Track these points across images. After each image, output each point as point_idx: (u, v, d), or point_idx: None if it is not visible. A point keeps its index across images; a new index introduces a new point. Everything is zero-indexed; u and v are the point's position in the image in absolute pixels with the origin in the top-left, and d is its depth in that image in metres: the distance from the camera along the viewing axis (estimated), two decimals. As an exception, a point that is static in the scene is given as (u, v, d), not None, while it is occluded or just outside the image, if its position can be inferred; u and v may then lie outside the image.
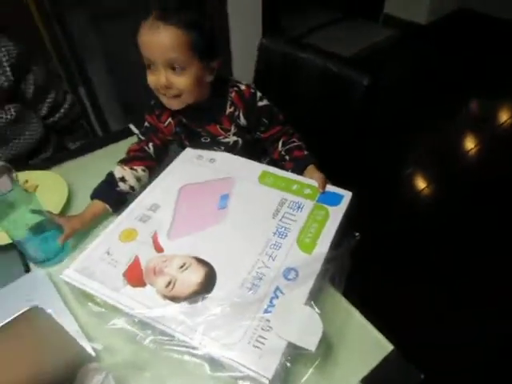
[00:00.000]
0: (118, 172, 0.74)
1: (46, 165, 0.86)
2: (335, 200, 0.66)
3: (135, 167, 0.75)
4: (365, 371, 0.51)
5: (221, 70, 0.72)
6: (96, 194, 0.71)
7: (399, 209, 1.63)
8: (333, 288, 0.58)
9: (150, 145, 0.78)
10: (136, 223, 0.64)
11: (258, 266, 0.56)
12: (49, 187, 0.60)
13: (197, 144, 0.78)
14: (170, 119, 0.77)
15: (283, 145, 0.79)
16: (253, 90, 0.76)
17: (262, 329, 0.48)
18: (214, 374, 0.48)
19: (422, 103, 2.12)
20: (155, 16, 0.62)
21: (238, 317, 0.50)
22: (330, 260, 0.57)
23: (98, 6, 1.52)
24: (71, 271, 0.57)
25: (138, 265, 0.57)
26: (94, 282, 0.55)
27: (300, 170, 0.73)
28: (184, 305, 0.52)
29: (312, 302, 0.51)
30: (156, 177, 0.73)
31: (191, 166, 0.75)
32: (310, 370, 0.49)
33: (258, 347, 0.47)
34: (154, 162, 0.78)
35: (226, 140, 0.77)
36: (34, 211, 0.56)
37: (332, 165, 0.72)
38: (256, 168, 0.73)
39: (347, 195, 0.67)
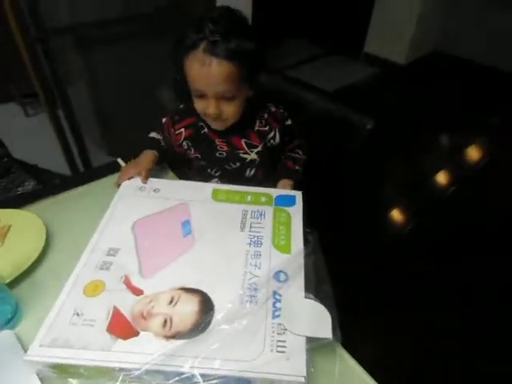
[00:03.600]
0: (156, 135, 0.83)
1: (19, 203, 0.73)
2: (290, 201, 0.71)
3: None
4: None
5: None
6: (148, 146, 0.79)
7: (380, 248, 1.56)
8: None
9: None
10: (99, 273, 0.56)
11: (247, 278, 0.56)
12: (24, 228, 0.50)
13: (210, 158, 0.81)
14: (182, 129, 0.79)
15: (287, 151, 0.86)
16: (282, 110, 0.82)
17: (278, 333, 0.49)
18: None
19: (400, 139, 2.18)
20: (205, 49, 0.61)
21: (251, 330, 0.49)
22: (307, 254, 0.60)
23: (85, 32, 1.48)
24: (37, 348, 0.47)
25: (120, 315, 0.51)
26: (74, 350, 0.47)
27: (277, 179, 0.81)
28: (190, 338, 0.48)
29: (311, 295, 0.54)
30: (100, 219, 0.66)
31: (135, 200, 0.70)
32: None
33: (281, 352, 0.47)
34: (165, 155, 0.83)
35: (245, 156, 0.79)
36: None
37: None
38: (205, 188, 0.73)
39: (298, 195, 0.72)
